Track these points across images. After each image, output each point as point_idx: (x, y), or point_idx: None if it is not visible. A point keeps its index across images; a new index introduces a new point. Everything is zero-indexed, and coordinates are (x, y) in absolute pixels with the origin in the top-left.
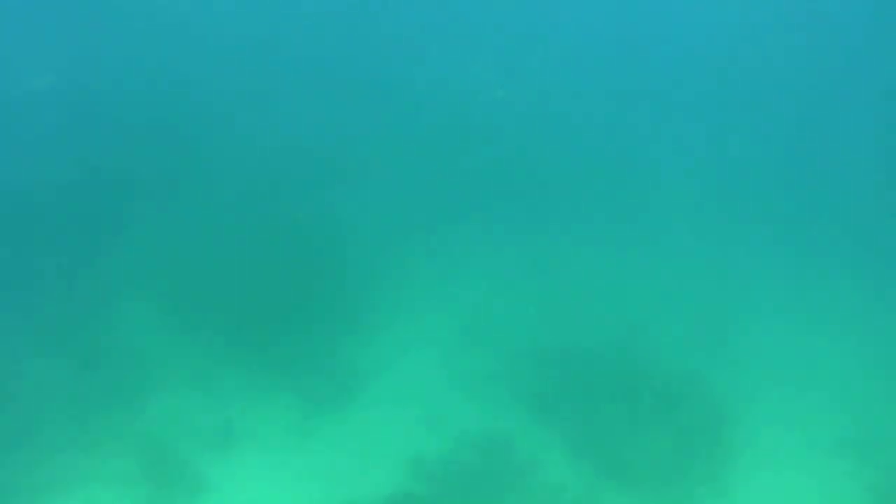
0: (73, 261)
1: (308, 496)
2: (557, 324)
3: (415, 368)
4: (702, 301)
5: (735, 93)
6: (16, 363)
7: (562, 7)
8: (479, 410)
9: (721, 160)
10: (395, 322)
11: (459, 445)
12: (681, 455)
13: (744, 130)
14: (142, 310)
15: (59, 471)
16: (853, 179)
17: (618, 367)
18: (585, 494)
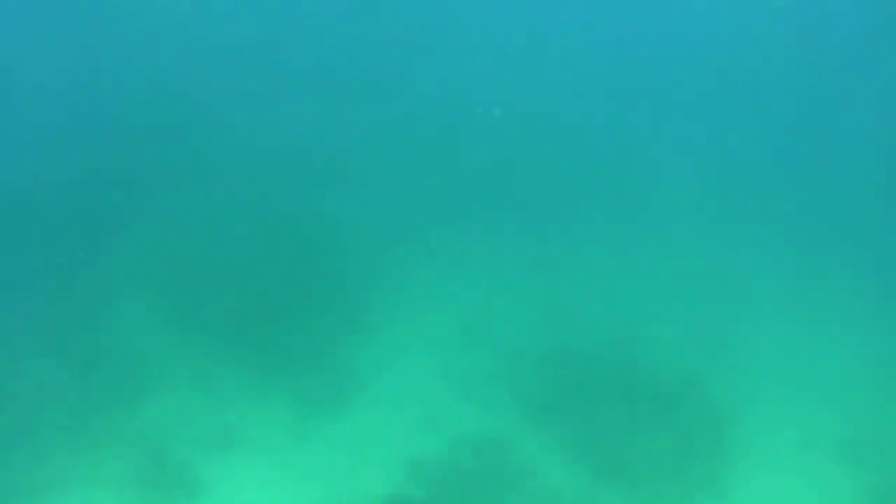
0: (71, 261)
1: (306, 498)
2: (557, 325)
3: (414, 369)
4: (702, 302)
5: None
6: (14, 363)
7: (562, 7)
8: (478, 412)
9: (721, 161)
10: (394, 323)
11: (458, 447)
12: (680, 457)
13: (744, 131)
14: (141, 310)
15: (57, 472)
16: (854, 180)
17: (617, 369)
18: (584, 496)
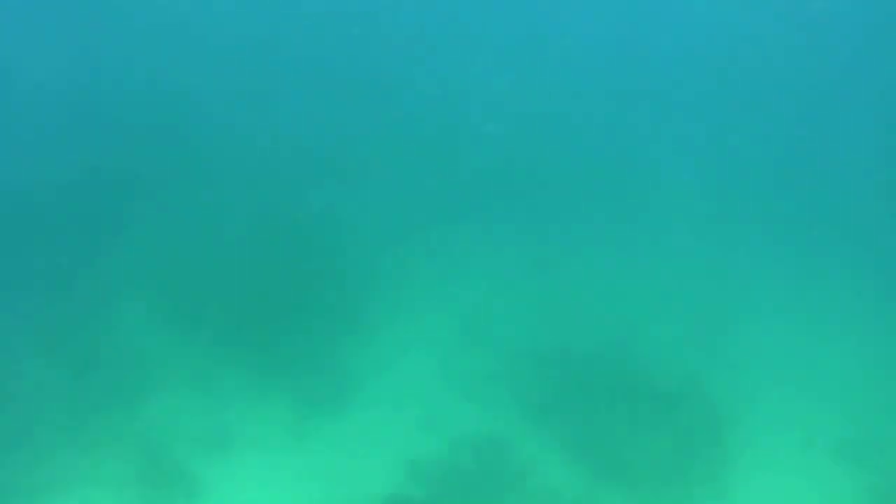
0: (70, 261)
1: (306, 498)
2: (556, 325)
3: (413, 369)
4: (701, 302)
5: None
6: (13, 363)
7: (562, 6)
8: (478, 412)
9: (720, 161)
10: (394, 323)
11: (457, 447)
12: (680, 456)
13: (743, 130)
14: (140, 310)
15: (57, 472)
16: (853, 180)
17: (617, 369)
18: (584, 496)
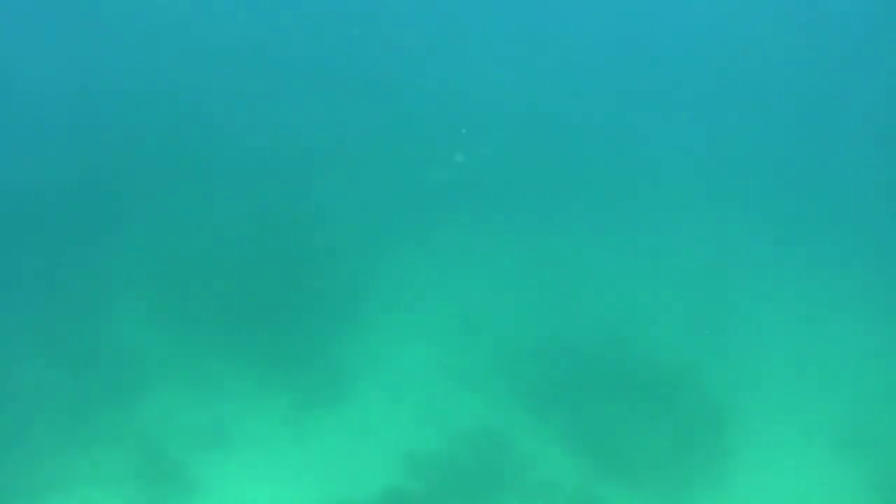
0: (68, 260)
1: (303, 493)
2: (554, 318)
3: (410, 363)
4: (700, 295)
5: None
6: (12, 363)
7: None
8: (476, 405)
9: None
10: (391, 317)
11: (455, 441)
12: (679, 448)
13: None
14: (137, 309)
15: (56, 471)
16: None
17: (616, 361)
18: (583, 488)
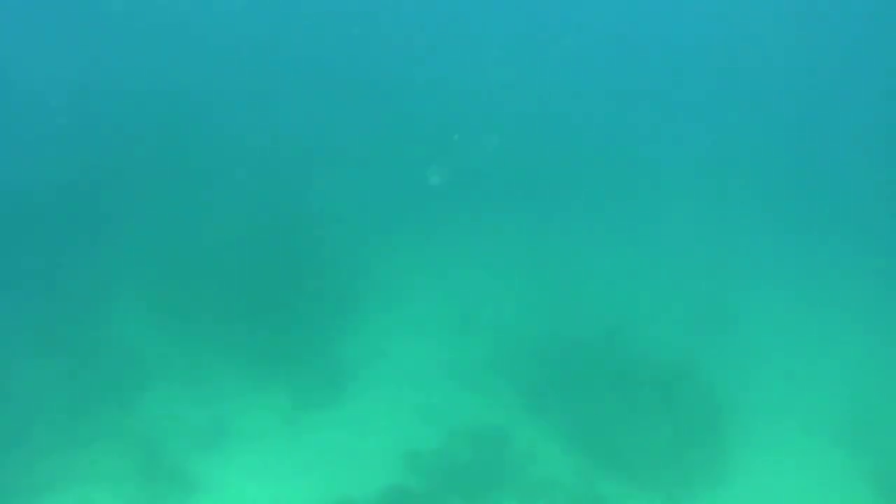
0: (67, 259)
1: (303, 491)
2: (554, 316)
3: (409, 359)
4: (698, 290)
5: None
6: (11, 362)
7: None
8: (475, 404)
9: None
10: (389, 312)
11: (455, 439)
12: (679, 447)
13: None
14: (135, 307)
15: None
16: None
17: (615, 359)
18: (582, 486)
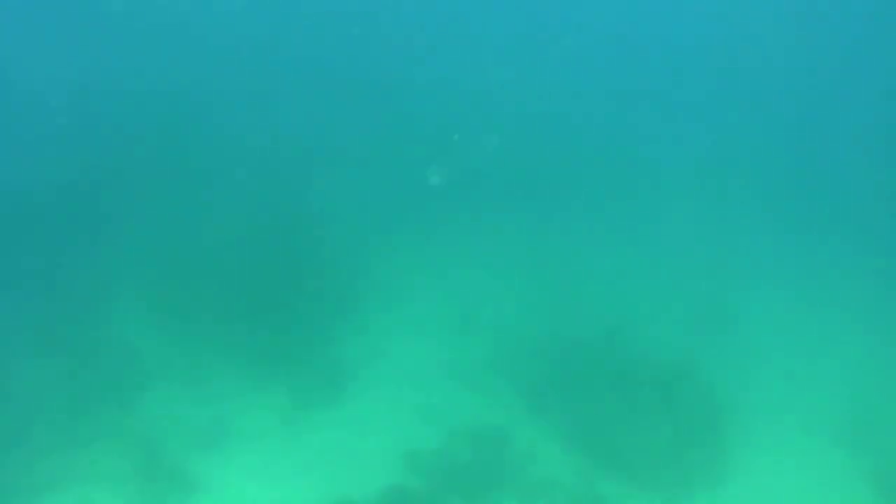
0: (67, 259)
1: (303, 491)
2: (554, 316)
3: (409, 362)
4: (698, 290)
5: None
6: (10, 362)
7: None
8: (475, 404)
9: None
10: (390, 315)
11: (455, 439)
12: (678, 444)
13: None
14: (135, 307)
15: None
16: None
17: (614, 357)
18: (582, 486)
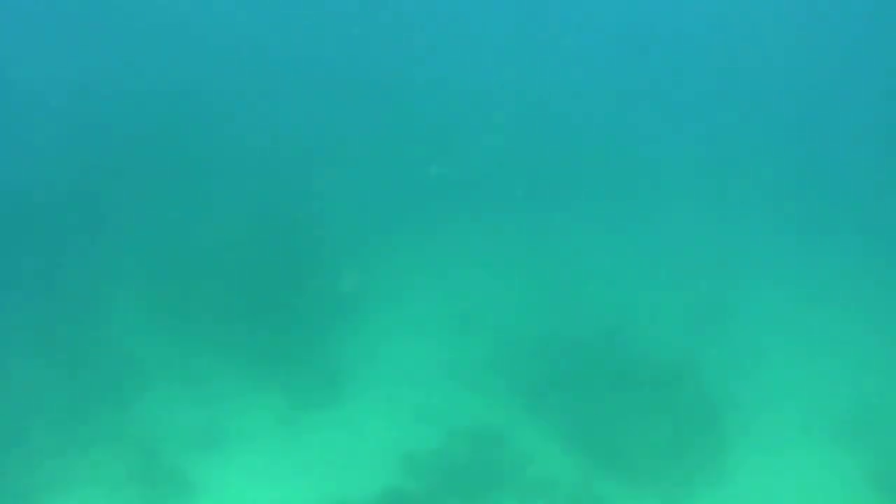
0: (66, 260)
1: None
2: (553, 316)
3: (408, 362)
4: (698, 290)
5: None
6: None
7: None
8: (474, 404)
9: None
10: (388, 315)
11: (453, 440)
12: (678, 446)
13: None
14: (134, 308)
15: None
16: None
17: (614, 359)
18: (581, 486)
